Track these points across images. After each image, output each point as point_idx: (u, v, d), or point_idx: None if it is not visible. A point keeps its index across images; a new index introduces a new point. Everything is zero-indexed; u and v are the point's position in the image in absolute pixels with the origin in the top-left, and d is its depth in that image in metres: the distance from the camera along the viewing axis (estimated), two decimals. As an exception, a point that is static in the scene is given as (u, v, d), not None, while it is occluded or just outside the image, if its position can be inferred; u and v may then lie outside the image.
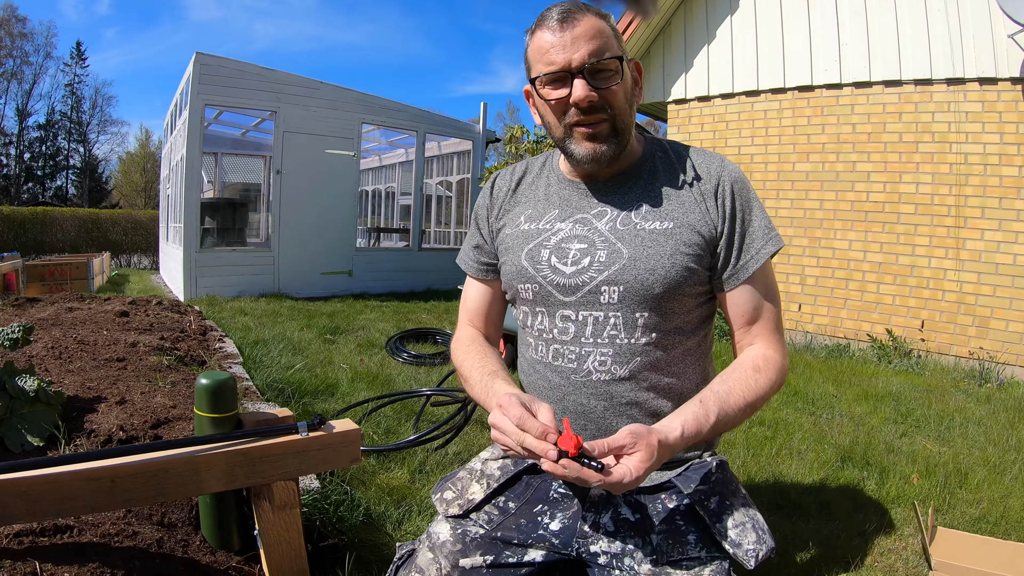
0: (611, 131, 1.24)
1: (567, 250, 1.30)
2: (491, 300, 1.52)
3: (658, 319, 1.26)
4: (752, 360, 1.24)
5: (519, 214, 1.42)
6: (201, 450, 1.41)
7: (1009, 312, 5.49)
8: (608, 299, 1.25)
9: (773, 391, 1.23)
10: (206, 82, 8.41)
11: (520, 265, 1.35)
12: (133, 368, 3.25)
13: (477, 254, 1.51)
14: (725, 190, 1.28)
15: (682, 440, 1.06)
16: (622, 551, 1.19)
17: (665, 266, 1.23)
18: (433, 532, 1.30)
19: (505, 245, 1.41)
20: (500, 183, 1.50)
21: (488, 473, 1.38)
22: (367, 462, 2.76)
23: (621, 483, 0.95)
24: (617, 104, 1.23)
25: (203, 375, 1.54)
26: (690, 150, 1.36)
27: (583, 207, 1.34)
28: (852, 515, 2.48)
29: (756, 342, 1.29)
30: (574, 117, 1.23)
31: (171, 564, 1.51)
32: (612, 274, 1.24)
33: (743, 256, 1.28)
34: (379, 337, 5.93)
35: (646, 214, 1.28)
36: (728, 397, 1.16)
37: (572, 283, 1.28)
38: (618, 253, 1.26)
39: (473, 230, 1.53)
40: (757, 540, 1.19)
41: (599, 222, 1.31)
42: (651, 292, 1.23)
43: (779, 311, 1.32)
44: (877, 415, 3.95)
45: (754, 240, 1.29)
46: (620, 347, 1.26)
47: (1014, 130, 5.46)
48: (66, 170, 40.87)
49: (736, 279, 1.28)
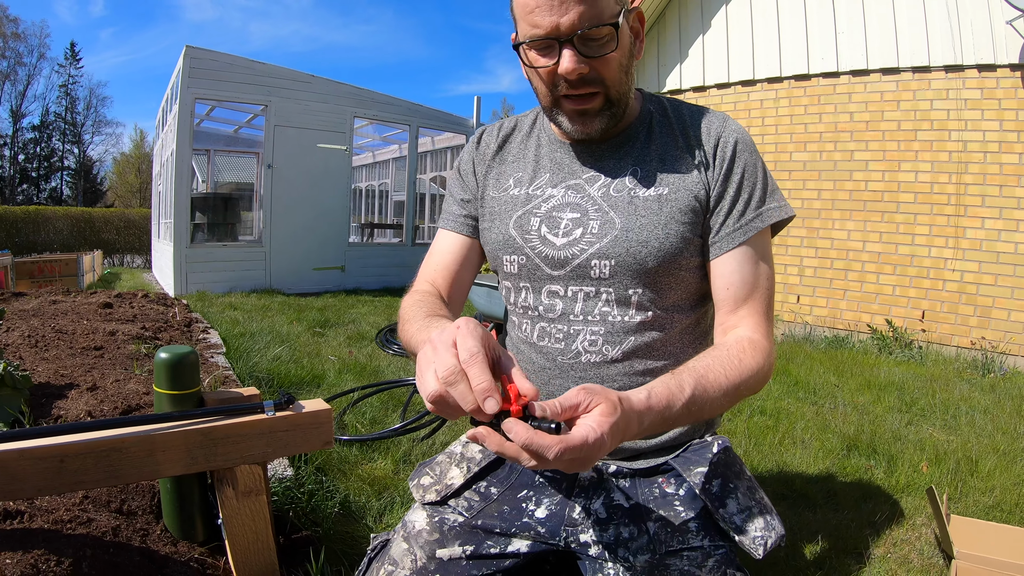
0: (604, 104, 1.10)
1: (558, 219, 1.17)
2: (464, 258, 1.33)
3: (653, 295, 1.13)
4: (736, 341, 1.07)
5: (506, 176, 1.29)
6: (156, 429, 1.28)
7: (1011, 301, 5.39)
8: (599, 273, 1.13)
9: (759, 380, 1.05)
10: (196, 76, 8.26)
11: (507, 234, 1.22)
12: (110, 356, 3.13)
13: (463, 207, 1.33)
14: (726, 149, 1.14)
15: (648, 407, 0.86)
16: (615, 541, 1.07)
17: (659, 237, 1.10)
18: (408, 521, 1.17)
19: (490, 210, 1.27)
20: (487, 138, 1.35)
21: (469, 456, 1.25)
22: (349, 452, 2.63)
23: (586, 445, 0.73)
24: (611, 75, 1.07)
25: (162, 349, 1.41)
26: (691, 108, 1.22)
27: (575, 171, 1.21)
28: (861, 504, 2.37)
29: (741, 325, 1.12)
30: (563, 89, 1.08)
31: (125, 554, 1.38)
32: (604, 246, 1.12)
33: (740, 218, 1.12)
34: (370, 330, 5.80)
35: (642, 179, 1.15)
36: (707, 373, 0.97)
37: (562, 256, 1.15)
38: (610, 223, 1.13)
39: (456, 183, 1.36)
40: (765, 526, 1.06)
41: (591, 188, 1.18)
42: (644, 266, 1.10)
43: (772, 296, 1.15)
44: (881, 404, 3.84)
45: (753, 201, 1.13)
46: (612, 326, 1.14)
47: (1014, 117, 5.36)
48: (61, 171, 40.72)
49: (729, 242, 1.12)
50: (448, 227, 1.34)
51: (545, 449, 0.71)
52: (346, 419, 3.10)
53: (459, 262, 1.32)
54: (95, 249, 15.08)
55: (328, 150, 9.40)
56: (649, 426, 0.87)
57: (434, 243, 1.37)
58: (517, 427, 0.72)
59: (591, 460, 0.75)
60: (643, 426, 0.86)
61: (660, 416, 0.88)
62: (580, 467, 0.76)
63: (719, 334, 1.14)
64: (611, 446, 0.77)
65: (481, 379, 0.72)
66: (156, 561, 1.41)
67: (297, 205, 9.13)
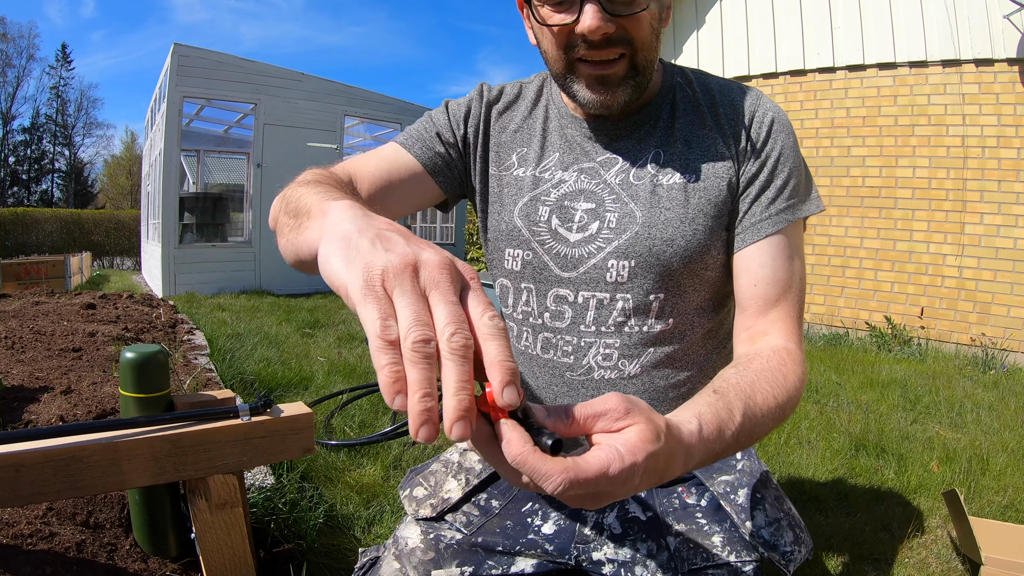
0: (629, 71, 0.92)
1: (572, 211, 1.01)
2: (408, 191, 1.06)
3: (675, 300, 0.98)
4: (774, 352, 0.88)
5: (508, 150, 1.09)
6: (120, 436, 1.17)
7: (1010, 297, 5.33)
8: (616, 276, 0.97)
9: (798, 399, 0.86)
10: (185, 74, 8.14)
11: (512, 224, 1.04)
12: (88, 358, 3.01)
13: (440, 144, 1.08)
14: (761, 128, 0.98)
15: (700, 440, 0.65)
16: (632, 558, 0.95)
17: (686, 234, 0.95)
18: (400, 537, 1.05)
19: (490, 190, 1.10)
20: (488, 94, 1.13)
21: (467, 467, 1.12)
22: (336, 458, 2.51)
23: (604, 477, 0.51)
24: (641, 36, 0.90)
25: (128, 348, 1.30)
26: (720, 83, 1.05)
27: (589, 153, 1.04)
28: (873, 507, 2.27)
29: (772, 332, 0.94)
30: (581, 51, 0.90)
31: (89, 572, 1.27)
32: (623, 244, 0.96)
33: (771, 205, 0.97)
34: (360, 331, 5.68)
35: (665, 164, 0.99)
36: (754, 393, 0.77)
37: (576, 254, 0.99)
38: (630, 217, 0.97)
39: (441, 118, 1.11)
40: (795, 540, 0.95)
41: (608, 173, 1.01)
42: (668, 268, 0.95)
43: (804, 299, 0.98)
44: (885, 402, 3.75)
45: (787, 188, 0.97)
46: (630, 337, 0.98)
47: (1012, 111, 5.30)
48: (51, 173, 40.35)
49: (757, 231, 0.96)
50: (412, 150, 1.07)
51: (542, 477, 0.49)
52: (334, 423, 2.99)
53: (399, 188, 1.05)
54: (84, 251, 14.90)
55: (319, 149, 9.27)
56: (697, 462, 0.67)
57: (379, 150, 1.09)
58: (512, 433, 0.49)
59: (609, 498, 0.54)
60: (689, 465, 0.65)
61: (709, 450, 0.67)
62: (591, 504, 0.55)
63: (745, 340, 0.96)
64: (642, 487, 0.56)
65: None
66: (122, 580, 1.30)
67: (287, 204, 8.99)
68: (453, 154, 1.09)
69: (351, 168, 1.01)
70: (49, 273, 9.59)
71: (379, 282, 0.48)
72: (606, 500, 0.55)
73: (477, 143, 1.10)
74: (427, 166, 1.07)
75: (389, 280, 0.48)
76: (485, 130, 1.10)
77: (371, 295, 0.47)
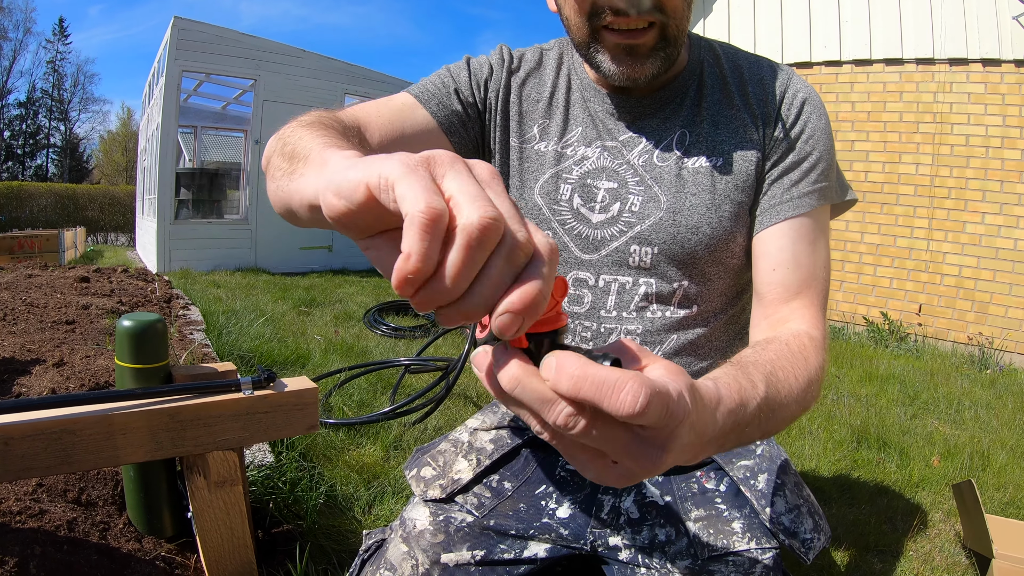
0: (659, 41, 0.86)
1: (594, 190, 0.96)
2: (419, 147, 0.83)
3: (700, 287, 0.95)
4: (794, 336, 0.81)
5: (529, 121, 1.04)
6: (115, 408, 1.13)
7: (1009, 298, 5.31)
8: (639, 261, 0.93)
9: (819, 387, 0.78)
10: (184, 48, 8.03)
11: (532, 202, 1.00)
12: (82, 331, 2.96)
13: (452, 99, 1.01)
14: (791, 108, 0.94)
15: (720, 404, 0.54)
16: (650, 544, 0.91)
17: (711, 222, 0.92)
18: (408, 519, 1.00)
19: (509, 162, 1.04)
20: (508, 56, 1.07)
21: (478, 447, 1.08)
22: (335, 437, 2.47)
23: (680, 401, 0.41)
24: (673, 3, 0.83)
25: (125, 317, 1.25)
26: (749, 60, 1.00)
27: (612, 131, 0.99)
28: (876, 499, 2.26)
29: (794, 318, 0.88)
30: (608, 18, 0.84)
31: (81, 552, 1.23)
32: (646, 230, 0.93)
33: (795, 186, 0.92)
34: (357, 310, 5.64)
35: (690, 146, 0.95)
36: (776, 371, 0.69)
37: (597, 236, 0.95)
38: (654, 201, 0.93)
39: (461, 72, 1.04)
40: (814, 527, 0.92)
41: (631, 153, 0.97)
42: (693, 256, 0.92)
43: (828, 289, 0.92)
44: (884, 396, 3.74)
45: (815, 171, 0.92)
46: (652, 323, 0.95)
47: (1017, 112, 5.27)
48: (47, 148, 39.89)
49: (778, 213, 0.91)
50: (427, 106, 1.00)
51: (614, 389, 0.37)
52: (332, 401, 2.95)
53: (410, 144, 0.96)
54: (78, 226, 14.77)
55: (318, 128, 9.18)
56: (722, 433, 0.55)
57: (390, 100, 1.01)
58: (565, 357, 0.40)
59: (667, 442, 0.42)
60: (718, 429, 0.53)
61: (734, 419, 0.56)
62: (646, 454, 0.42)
63: (764, 328, 0.90)
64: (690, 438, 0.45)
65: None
66: (117, 560, 1.26)
67: (285, 183, 8.91)
68: (471, 113, 1.04)
69: (360, 115, 0.93)
70: (43, 247, 9.51)
71: (423, 165, 0.39)
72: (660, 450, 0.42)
73: (496, 109, 1.05)
74: (443, 124, 1.01)
75: (436, 166, 0.39)
76: (505, 97, 1.05)
77: (416, 171, 0.38)
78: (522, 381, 0.41)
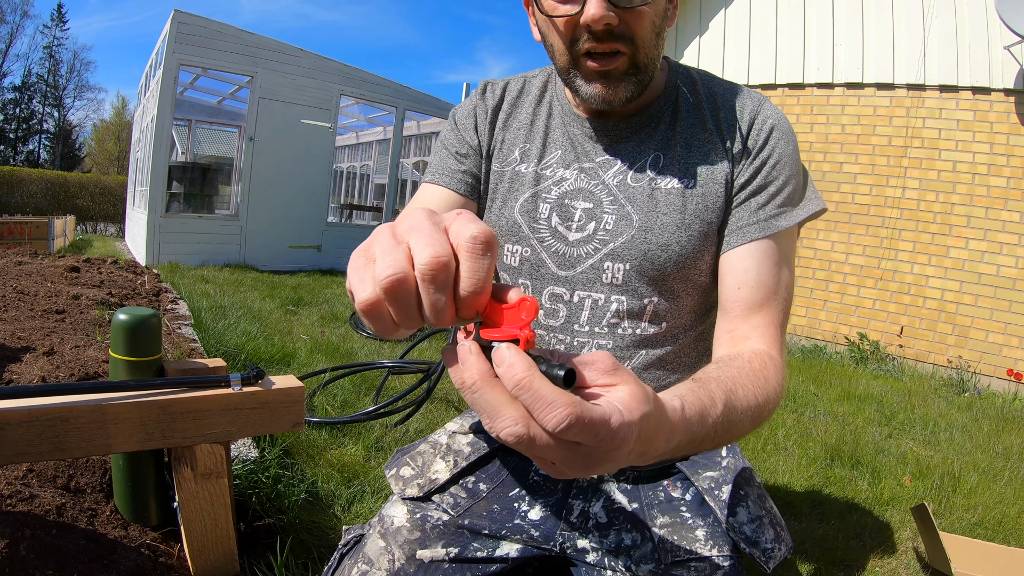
0: (629, 68, 0.93)
1: (572, 209, 1.02)
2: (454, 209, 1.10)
3: (669, 304, 1.00)
4: (756, 355, 0.88)
5: (511, 146, 1.10)
6: (109, 398, 1.16)
7: (989, 323, 5.41)
8: (611, 279, 0.99)
9: (776, 404, 0.85)
10: (183, 41, 8.02)
11: (512, 220, 1.06)
12: (72, 321, 2.97)
13: (461, 162, 1.11)
14: (760, 133, 0.99)
15: (682, 418, 0.63)
16: (616, 547, 0.96)
17: (681, 241, 0.97)
18: (386, 516, 1.05)
19: (492, 185, 1.11)
20: (491, 94, 1.15)
21: (456, 449, 1.13)
22: (318, 436, 2.50)
23: (606, 427, 0.47)
24: (642, 33, 0.91)
25: (121, 310, 1.28)
26: (724, 86, 1.05)
27: (588, 152, 1.05)
28: (846, 516, 2.31)
29: (754, 336, 0.94)
30: (586, 44, 0.91)
31: (70, 536, 1.26)
32: (619, 247, 0.98)
33: (761, 209, 0.97)
34: (343, 311, 5.66)
35: (664, 168, 1.00)
36: (735, 388, 0.76)
37: (574, 253, 1.00)
38: (627, 219, 0.98)
39: (452, 135, 1.14)
40: (775, 538, 0.97)
41: (606, 174, 1.02)
42: (663, 272, 0.97)
43: (789, 308, 0.98)
44: (861, 415, 3.80)
45: (780, 195, 0.97)
46: (622, 339, 1.00)
47: (1004, 141, 5.38)
48: (39, 134, 39.55)
49: (745, 235, 0.97)
50: (441, 182, 1.11)
51: (546, 406, 0.44)
52: (316, 400, 2.98)
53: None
54: (68, 214, 14.67)
55: (312, 127, 9.21)
56: (676, 445, 0.63)
57: (416, 198, 1.13)
58: (513, 356, 0.46)
59: (600, 462, 0.49)
60: (670, 444, 0.61)
61: (690, 433, 0.64)
62: (582, 466, 0.49)
63: (726, 343, 0.96)
64: (631, 457, 0.52)
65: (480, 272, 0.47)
66: (104, 545, 1.29)
67: (277, 181, 8.92)
68: (474, 162, 1.12)
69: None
70: (32, 234, 9.46)
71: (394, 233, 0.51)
72: (596, 465, 0.49)
73: (483, 146, 1.13)
74: (463, 192, 1.11)
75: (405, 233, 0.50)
76: (490, 132, 1.13)
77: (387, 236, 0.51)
78: (479, 387, 0.48)
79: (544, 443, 0.46)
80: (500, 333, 0.49)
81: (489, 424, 0.48)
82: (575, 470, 0.50)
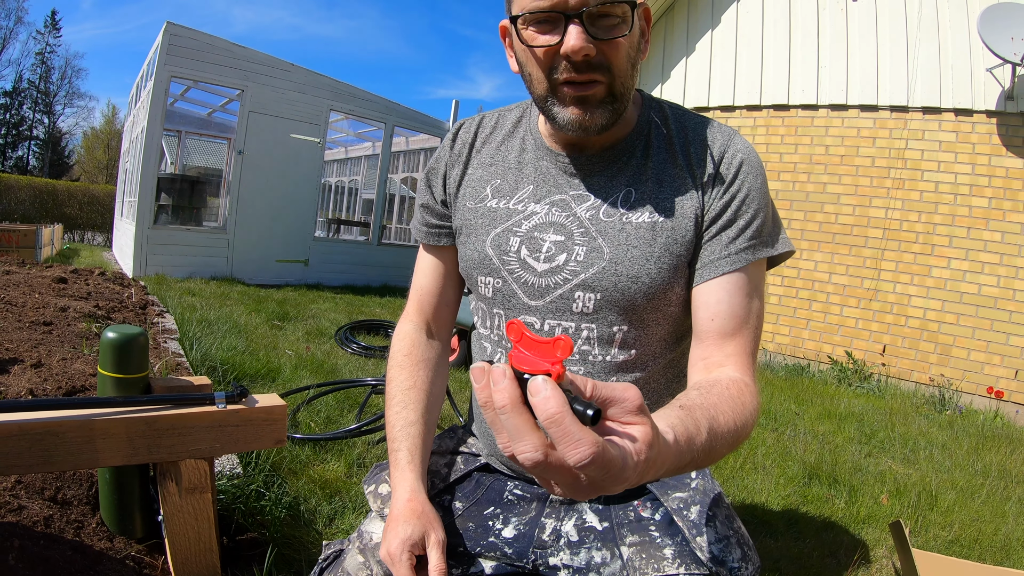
0: (606, 96, 0.96)
1: (540, 241, 1.05)
2: (444, 276, 1.22)
3: (638, 332, 1.04)
4: (732, 381, 0.93)
5: (484, 183, 1.15)
6: (97, 414, 1.18)
7: (971, 341, 5.49)
8: (582, 307, 1.02)
9: (751, 428, 0.90)
10: (174, 53, 8.04)
11: (484, 253, 1.10)
12: (59, 333, 2.98)
13: (435, 217, 1.21)
14: (729, 168, 1.03)
15: (674, 451, 0.67)
16: (587, 565, 1.00)
17: (650, 272, 1.00)
18: (365, 532, 1.08)
19: (466, 222, 1.15)
20: (464, 135, 1.20)
21: (433, 469, 1.17)
22: (301, 452, 2.52)
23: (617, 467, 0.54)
24: (618, 63, 0.94)
25: (110, 328, 1.31)
26: (695, 120, 1.09)
27: (562, 186, 1.08)
28: (822, 534, 2.34)
29: (728, 364, 0.98)
30: (564, 74, 0.94)
31: (56, 547, 1.27)
32: (589, 278, 1.01)
33: (732, 243, 1.01)
34: (329, 327, 5.67)
35: (635, 202, 1.04)
36: (717, 415, 0.81)
37: (542, 283, 1.04)
38: (598, 252, 1.02)
39: (425, 191, 1.23)
40: (742, 557, 1.00)
41: (579, 207, 1.06)
42: (632, 303, 1.01)
43: (760, 336, 1.04)
44: (841, 434, 3.85)
45: (750, 229, 1.02)
46: (593, 365, 1.04)
47: (986, 162, 5.49)
48: (29, 140, 39.31)
49: (717, 268, 1.01)
50: (425, 241, 1.23)
51: (573, 443, 0.50)
52: (299, 417, 2.99)
53: (441, 281, 1.23)
54: (56, 223, 14.60)
55: (301, 141, 9.23)
56: (664, 472, 0.67)
57: (417, 261, 1.26)
58: (549, 391, 0.51)
59: (602, 489, 0.56)
60: (659, 472, 0.65)
61: (677, 462, 0.69)
62: (583, 492, 0.56)
63: (700, 369, 1.00)
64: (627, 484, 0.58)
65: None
66: (89, 557, 1.31)
67: (265, 194, 8.91)
68: (444, 212, 1.20)
69: (416, 301, 1.24)
70: (20, 242, 9.40)
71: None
72: (596, 491, 0.56)
73: (450, 190, 1.19)
74: (442, 243, 1.21)
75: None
76: (461, 174, 1.18)
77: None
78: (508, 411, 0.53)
79: (556, 471, 0.53)
80: (530, 366, 0.54)
81: (506, 444, 0.54)
82: (575, 493, 0.56)
